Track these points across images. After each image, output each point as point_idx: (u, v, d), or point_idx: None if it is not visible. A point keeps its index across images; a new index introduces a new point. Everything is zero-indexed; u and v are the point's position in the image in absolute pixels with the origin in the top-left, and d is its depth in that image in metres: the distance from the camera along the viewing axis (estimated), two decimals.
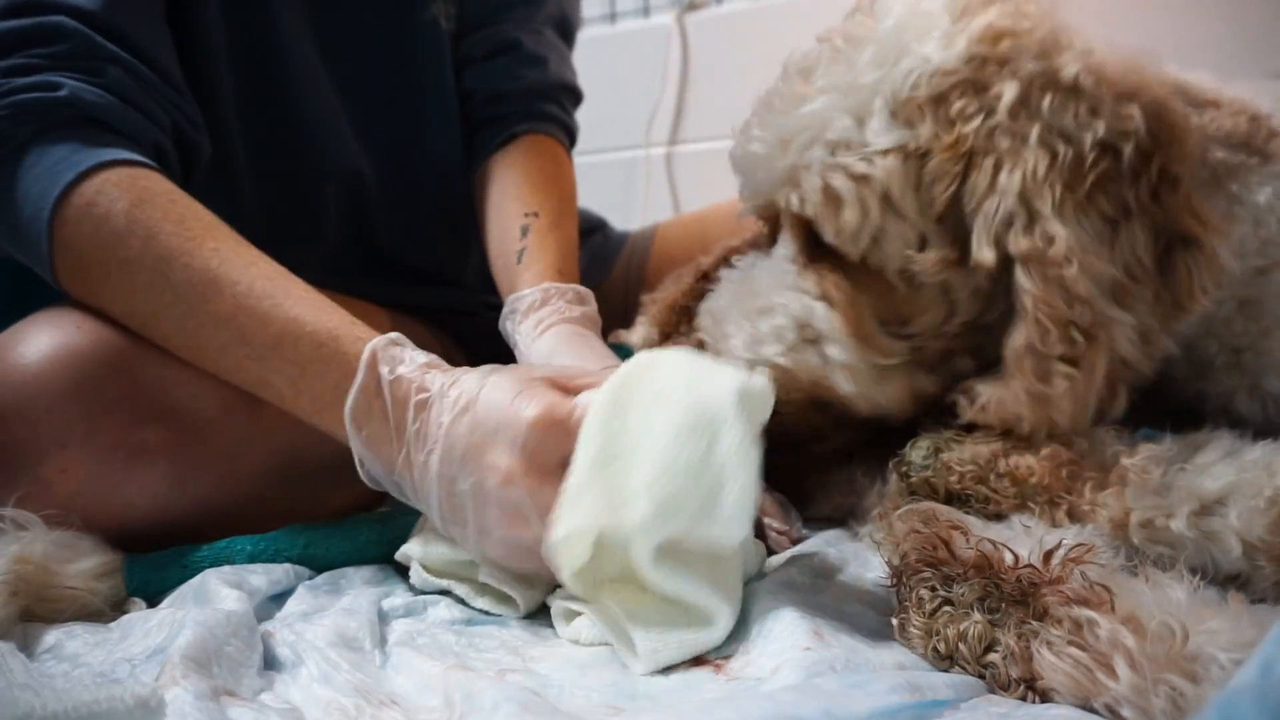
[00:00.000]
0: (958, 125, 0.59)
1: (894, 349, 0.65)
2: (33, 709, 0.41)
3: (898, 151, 0.60)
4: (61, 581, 0.60)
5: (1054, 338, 0.58)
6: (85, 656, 0.53)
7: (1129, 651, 0.41)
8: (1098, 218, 0.58)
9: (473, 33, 1.03)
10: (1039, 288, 0.57)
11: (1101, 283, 0.57)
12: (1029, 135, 0.58)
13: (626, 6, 1.88)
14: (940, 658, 0.49)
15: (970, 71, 0.59)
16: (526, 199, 0.94)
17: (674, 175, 1.82)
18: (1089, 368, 0.58)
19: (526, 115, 1.03)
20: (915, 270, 0.62)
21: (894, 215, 0.61)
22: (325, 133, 0.96)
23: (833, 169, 0.62)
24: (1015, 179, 0.57)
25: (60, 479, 0.66)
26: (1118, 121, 0.58)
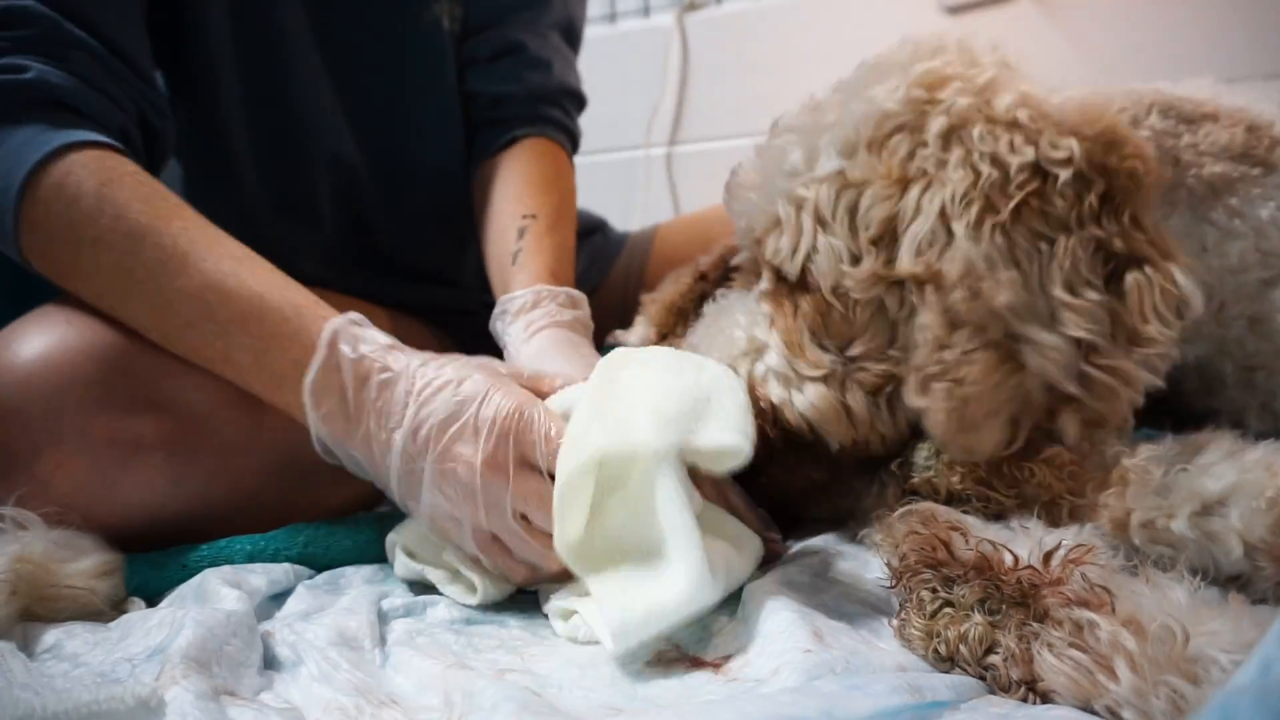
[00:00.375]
0: (892, 158, 0.61)
1: (821, 360, 0.66)
2: (33, 709, 0.41)
3: (835, 177, 0.62)
4: (61, 581, 0.60)
5: (930, 360, 0.59)
6: (85, 656, 0.53)
7: (1130, 653, 0.42)
8: (1024, 235, 0.57)
9: (477, 34, 1.03)
10: (929, 312, 0.59)
11: (1016, 302, 0.57)
12: (950, 158, 0.59)
13: (626, 6, 1.88)
14: (941, 659, 0.49)
15: (910, 113, 0.61)
16: (525, 201, 0.94)
17: (674, 175, 1.82)
18: (975, 382, 0.58)
19: (529, 119, 1.03)
20: (848, 286, 0.63)
21: (827, 233, 0.63)
22: (318, 121, 0.96)
23: (780, 195, 0.65)
24: (937, 201, 0.58)
25: (56, 476, 0.66)
26: (1051, 149, 0.57)
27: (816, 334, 0.66)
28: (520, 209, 0.93)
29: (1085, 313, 0.56)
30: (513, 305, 0.83)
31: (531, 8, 1.04)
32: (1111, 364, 0.56)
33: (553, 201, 0.96)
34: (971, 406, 0.58)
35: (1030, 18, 1.49)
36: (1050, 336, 0.56)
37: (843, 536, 0.70)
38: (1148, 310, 0.57)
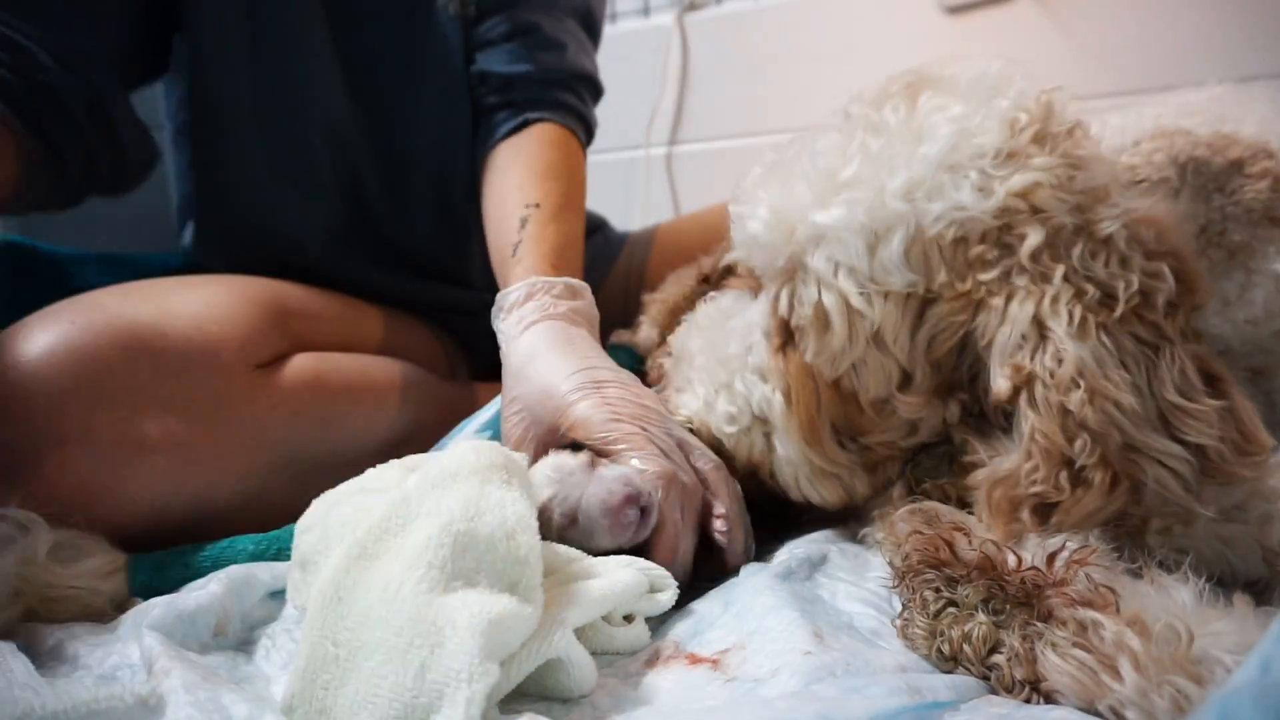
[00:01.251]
0: (973, 272, 0.56)
1: (841, 459, 0.65)
2: (33, 708, 0.41)
3: (900, 295, 0.58)
4: (65, 582, 0.60)
5: (1039, 475, 0.53)
6: (85, 657, 0.53)
7: (1134, 653, 0.41)
8: (1130, 339, 0.53)
9: (491, 15, 1.00)
10: (1040, 416, 0.53)
11: (1133, 408, 0.51)
12: (1052, 275, 0.54)
13: (626, 6, 1.88)
14: (944, 659, 0.49)
15: (1000, 221, 0.56)
16: (529, 190, 0.91)
17: (674, 175, 1.82)
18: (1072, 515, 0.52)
19: (540, 103, 1.00)
20: (894, 406, 0.62)
21: (881, 351, 0.59)
22: (319, 91, 0.96)
23: (829, 288, 0.59)
24: (1029, 307, 0.54)
25: (60, 476, 0.66)
26: (1148, 275, 0.54)
27: (836, 427, 0.64)
28: (524, 197, 0.90)
29: (1203, 417, 0.52)
30: (506, 300, 0.79)
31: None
32: (1233, 472, 0.52)
33: (560, 188, 0.92)
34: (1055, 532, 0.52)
35: (1030, 18, 1.49)
36: (1170, 444, 0.51)
37: (843, 535, 0.70)
38: (1252, 417, 0.53)
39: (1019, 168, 0.56)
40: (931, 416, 0.62)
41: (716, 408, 0.69)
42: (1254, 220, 0.69)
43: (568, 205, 0.91)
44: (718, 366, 0.70)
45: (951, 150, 0.57)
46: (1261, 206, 0.69)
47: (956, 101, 0.59)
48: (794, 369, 0.64)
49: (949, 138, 0.57)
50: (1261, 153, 0.70)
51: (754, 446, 0.68)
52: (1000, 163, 0.56)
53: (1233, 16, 1.37)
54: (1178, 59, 1.40)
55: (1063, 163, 0.56)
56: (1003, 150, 0.56)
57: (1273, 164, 0.69)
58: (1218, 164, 0.70)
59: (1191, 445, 0.51)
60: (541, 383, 0.68)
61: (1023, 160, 0.56)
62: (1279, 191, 0.69)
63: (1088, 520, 0.52)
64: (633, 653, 0.53)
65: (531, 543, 0.49)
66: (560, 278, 0.80)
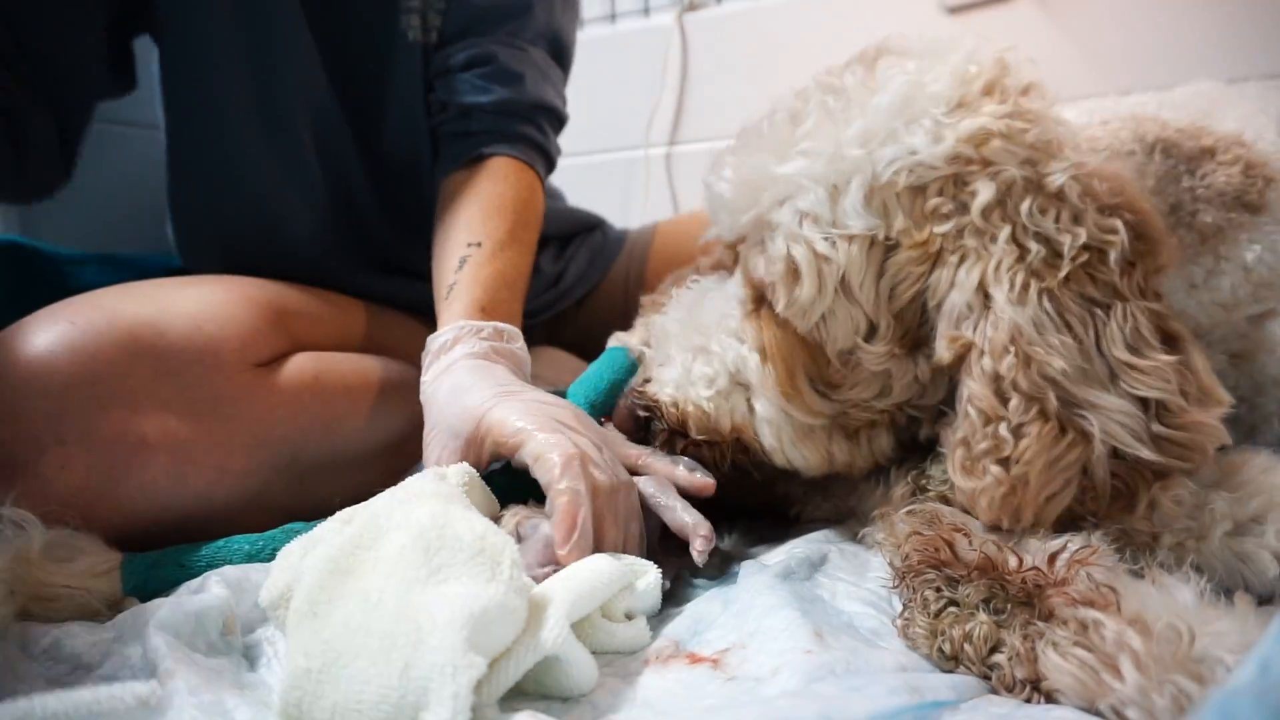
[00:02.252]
0: (930, 224, 0.57)
1: (820, 408, 0.65)
2: (32, 708, 0.41)
3: (864, 238, 0.58)
4: (58, 580, 0.59)
5: (979, 434, 0.55)
6: (84, 657, 0.53)
7: (1135, 653, 0.41)
8: (1075, 299, 0.54)
9: (452, 43, 1.00)
10: (975, 382, 0.55)
11: (1071, 367, 0.53)
12: (999, 234, 0.55)
13: (626, 6, 1.88)
14: (945, 658, 0.49)
15: (953, 169, 0.57)
16: (474, 228, 0.90)
17: (673, 175, 1.82)
18: (1030, 462, 0.53)
19: (497, 134, 0.99)
20: (860, 357, 0.62)
21: (848, 300, 0.60)
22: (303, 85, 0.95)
23: (796, 239, 0.60)
24: (975, 274, 0.55)
25: (60, 475, 0.66)
26: (1101, 230, 0.55)
27: (811, 379, 0.65)
28: (467, 236, 0.89)
29: (1154, 372, 0.53)
30: (434, 344, 0.78)
31: (511, 20, 1.01)
32: (1191, 420, 0.53)
33: (504, 226, 0.91)
34: (1028, 489, 0.53)
35: (1030, 18, 1.49)
36: (1113, 399, 0.53)
37: (843, 535, 0.70)
38: (1209, 373, 0.54)
39: (969, 114, 0.57)
40: (901, 373, 0.63)
41: (693, 372, 0.69)
42: (1226, 203, 0.69)
43: (511, 241, 0.90)
44: (694, 333, 0.70)
45: (904, 100, 0.58)
46: (1234, 190, 0.69)
47: (911, 60, 0.60)
48: (768, 328, 0.65)
49: (901, 87, 0.58)
50: (1234, 142, 0.70)
51: (734, 410, 0.68)
52: (951, 110, 0.58)
53: (1231, 17, 1.37)
54: (1177, 59, 1.40)
55: (1014, 112, 0.58)
56: (953, 98, 0.58)
57: (1244, 151, 0.69)
58: (1189, 147, 0.70)
59: (1143, 399, 0.53)
60: (459, 405, 0.68)
61: (973, 108, 0.58)
62: (1251, 176, 0.69)
63: (1053, 469, 0.53)
64: (633, 652, 0.53)
65: (503, 542, 0.49)
66: (489, 322, 0.79)
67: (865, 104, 0.59)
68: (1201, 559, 0.54)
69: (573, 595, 0.50)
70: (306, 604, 0.46)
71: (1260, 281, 0.69)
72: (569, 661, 0.47)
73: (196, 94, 0.94)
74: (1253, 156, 0.69)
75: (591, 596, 0.51)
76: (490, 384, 0.69)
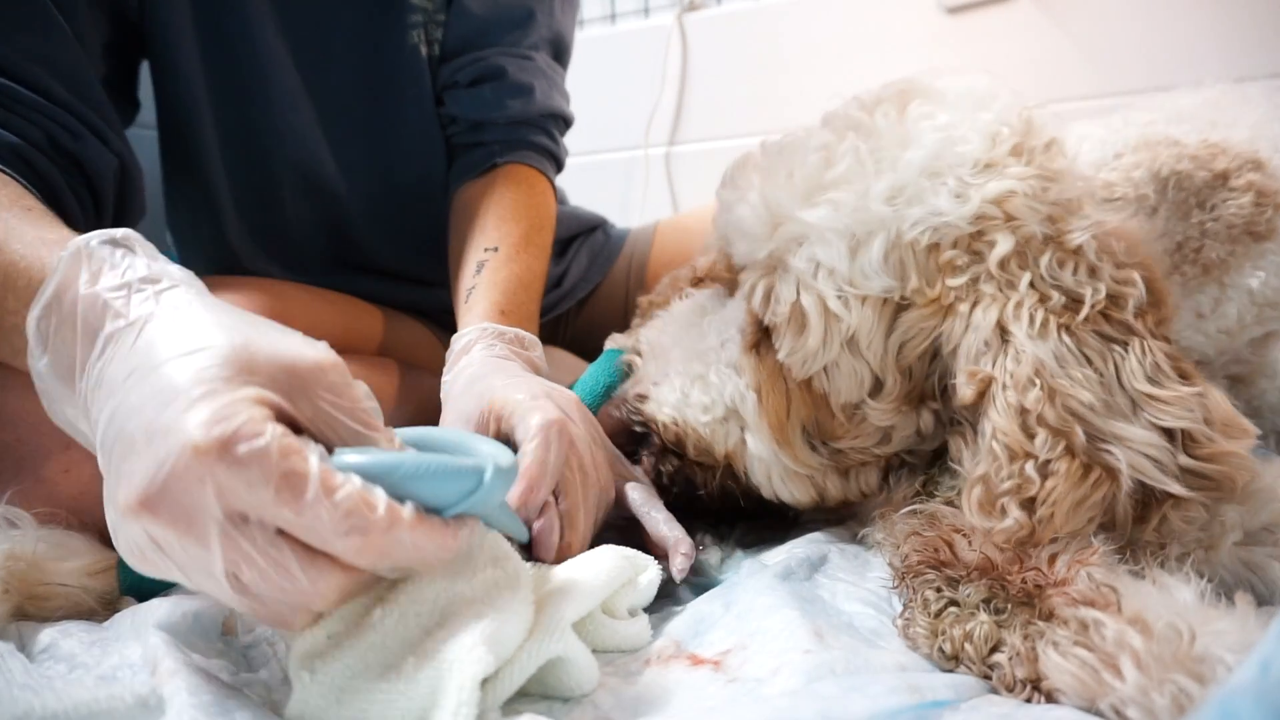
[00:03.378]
0: (943, 277, 0.57)
1: (811, 460, 0.65)
2: (32, 708, 0.41)
3: (877, 300, 0.58)
4: (53, 579, 0.59)
5: (1004, 471, 0.53)
6: (81, 656, 0.53)
7: (1136, 652, 0.41)
8: (1093, 336, 0.54)
9: (457, 57, 1.00)
10: (1001, 416, 0.54)
11: (1093, 402, 0.52)
12: (1018, 281, 0.55)
13: (626, 6, 1.88)
14: (946, 658, 0.49)
15: (974, 228, 0.57)
16: (490, 233, 0.92)
17: (673, 175, 1.82)
18: (1057, 504, 0.52)
19: (509, 145, 1.01)
20: (865, 411, 0.62)
21: (854, 355, 0.60)
22: (294, 143, 0.96)
23: (808, 288, 0.60)
24: (991, 314, 0.55)
25: (64, 479, 0.66)
26: (1118, 282, 0.55)
27: (808, 428, 0.65)
28: (484, 241, 0.91)
29: (1177, 402, 0.52)
30: (457, 344, 0.79)
31: (515, 29, 1.02)
32: (1218, 451, 0.52)
33: (519, 230, 0.93)
34: (1046, 528, 0.52)
35: (1030, 18, 1.49)
36: (1138, 430, 0.52)
37: (843, 535, 0.70)
38: (1229, 405, 0.54)
39: (995, 176, 0.57)
40: (904, 425, 0.63)
41: (691, 398, 0.69)
42: (1233, 235, 0.69)
43: (526, 245, 0.91)
44: (694, 359, 0.70)
45: (934, 157, 0.58)
46: (1242, 221, 0.69)
47: (944, 111, 0.60)
48: (766, 369, 0.65)
49: (933, 145, 0.58)
50: (1248, 164, 0.70)
51: (729, 437, 0.68)
52: (979, 171, 0.57)
53: (1231, 16, 1.37)
54: (1177, 59, 1.40)
55: (1037, 174, 0.57)
56: (982, 160, 0.58)
57: (1258, 177, 0.69)
58: (1200, 179, 0.70)
59: (1168, 431, 0.52)
60: (472, 392, 0.68)
61: (1000, 170, 0.57)
62: (1261, 205, 0.69)
63: (1079, 509, 0.51)
64: (634, 650, 0.53)
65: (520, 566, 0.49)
66: (511, 328, 0.80)
67: (896, 158, 0.58)
68: (1210, 569, 0.53)
69: (579, 596, 0.50)
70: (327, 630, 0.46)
71: (1265, 303, 0.70)
72: (572, 661, 0.47)
73: (181, 137, 0.96)
74: (1265, 183, 0.69)
75: (596, 593, 0.51)
76: (504, 374, 0.69)
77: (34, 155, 0.70)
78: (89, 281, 0.45)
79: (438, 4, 0.98)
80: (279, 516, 0.38)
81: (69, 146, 0.73)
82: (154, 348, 0.41)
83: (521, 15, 1.02)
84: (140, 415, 0.39)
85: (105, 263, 0.45)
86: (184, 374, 0.39)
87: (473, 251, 0.90)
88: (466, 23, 0.99)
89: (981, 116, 0.59)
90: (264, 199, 0.99)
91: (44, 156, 0.70)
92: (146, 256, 0.47)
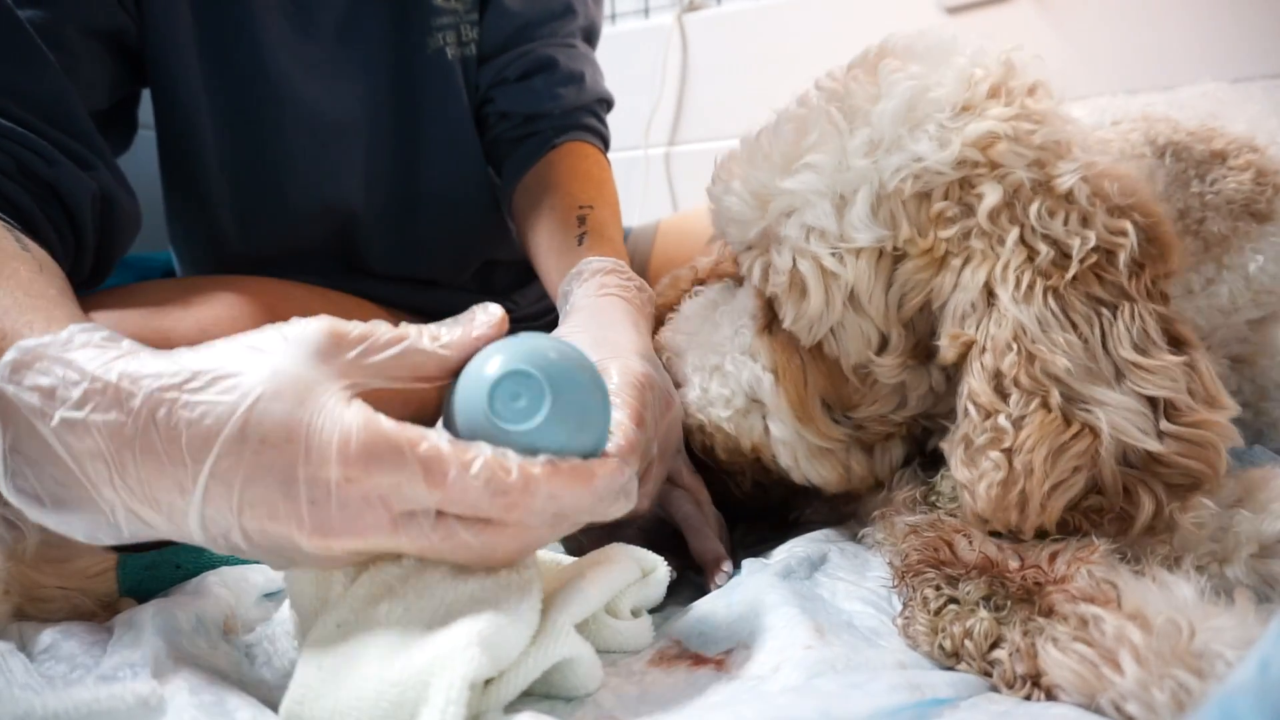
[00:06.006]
0: (935, 229, 0.57)
1: (834, 432, 0.65)
2: (33, 708, 0.41)
3: (872, 251, 0.58)
4: (53, 581, 0.59)
5: (978, 429, 0.54)
6: (82, 656, 0.53)
7: (1135, 647, 0.41)
8: (1081, 299, 0.53)
9: (503, 53, 1.02)
10: (975, 379, 0.54)
11: (1075, 365, 0.52)
12: (1006, 236, 0.55)
13: (626, 6, 1.88)
14: (946, 655, 0.48)
15: (959, 174, 0.56)
16: (577, 195, 0.93)
17: (673, 175, 1.83)
18: (1033, 450, 0.52)
19: (565, 128, 1.03)
20: (873, 370, 0.62)
21: (857, 313, 0.60)
22: (307, 169, 0.96)
23: (803, 254, 0.59)
24: (980, 274, 0.55)
25: None
26: (1110, 231, 0.54)
27: (827, 401, 0.65)
28: (575, 201, 0.92)
29: (1161, 371, 0.52)
30: (589, 267, 0.81)
31: (557, 20, 1.03)
32: (1200, 419, 0.51)
33: (606, 201, 0.95)
34: (1032, 477, 0.52)
35: (1030, 18, 1.49)
36: (1119, 395, 0.52)
37: (843, 535, 0.70)
38: (1214, 378, 0.53)
39: (975, 118, 0.56)
40: (915, 383, 0.62)
41: (711, 392, 0.69)
42: (1234, 212, 0.68)
43: (613, 220, 0.94)
44: (709, 352, 0.70)
45: (909, 106, 0.57)
46: (1243, 199, 0.68)
47: (914, 63, 0.59)
48: (779, 345, 0.65)
49: (906, 93, 0.57)
50: (1246, 146, 0.69)
51: (753, 430, 0.68)
52: (956, 114, 0.57)
53: (1231, 17, 1.37)
54: (1177, 59, 1.40)
55: (1020, 114, 0.57)
56: (959, 102, 0.57)
57: (1257, 157, 0.69)
58: (1199, 151, 0.69)
59: (1150, 399, 0.52)
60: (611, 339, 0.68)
61: (978, 111, 0.57)
62: (1262, 185, 0.68)
63: (1059, 457, 0.51)
64: (637, 650, 0.53)
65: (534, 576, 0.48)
66: (638, 281, 0.81)
67: (869, 111, 0.58)
68: (1224, 583, 0.52)
69: (584, 599, 0.49)
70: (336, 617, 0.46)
71: (1261, 288, 0.69)
72: (576, 661, 0.47)
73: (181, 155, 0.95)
74: (1264, 163, 0.69)
75: (602, 594, 0.51)
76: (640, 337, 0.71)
77: (1, 181, 0.68)
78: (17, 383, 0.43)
79: (469, 4, 0.99)
80: (430, 500, 0.42)
81: (43, 173, 0.71)
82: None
83: (560, 8, 1.03)
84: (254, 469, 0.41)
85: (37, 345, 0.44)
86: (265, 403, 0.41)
87: (567, 210, 0.92)
88: (507, 20, 1.01)
89: (955, 61, 0.59)
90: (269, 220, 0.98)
91: (13, 182, 0.69)
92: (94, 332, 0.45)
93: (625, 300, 0.76)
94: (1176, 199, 0.69)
